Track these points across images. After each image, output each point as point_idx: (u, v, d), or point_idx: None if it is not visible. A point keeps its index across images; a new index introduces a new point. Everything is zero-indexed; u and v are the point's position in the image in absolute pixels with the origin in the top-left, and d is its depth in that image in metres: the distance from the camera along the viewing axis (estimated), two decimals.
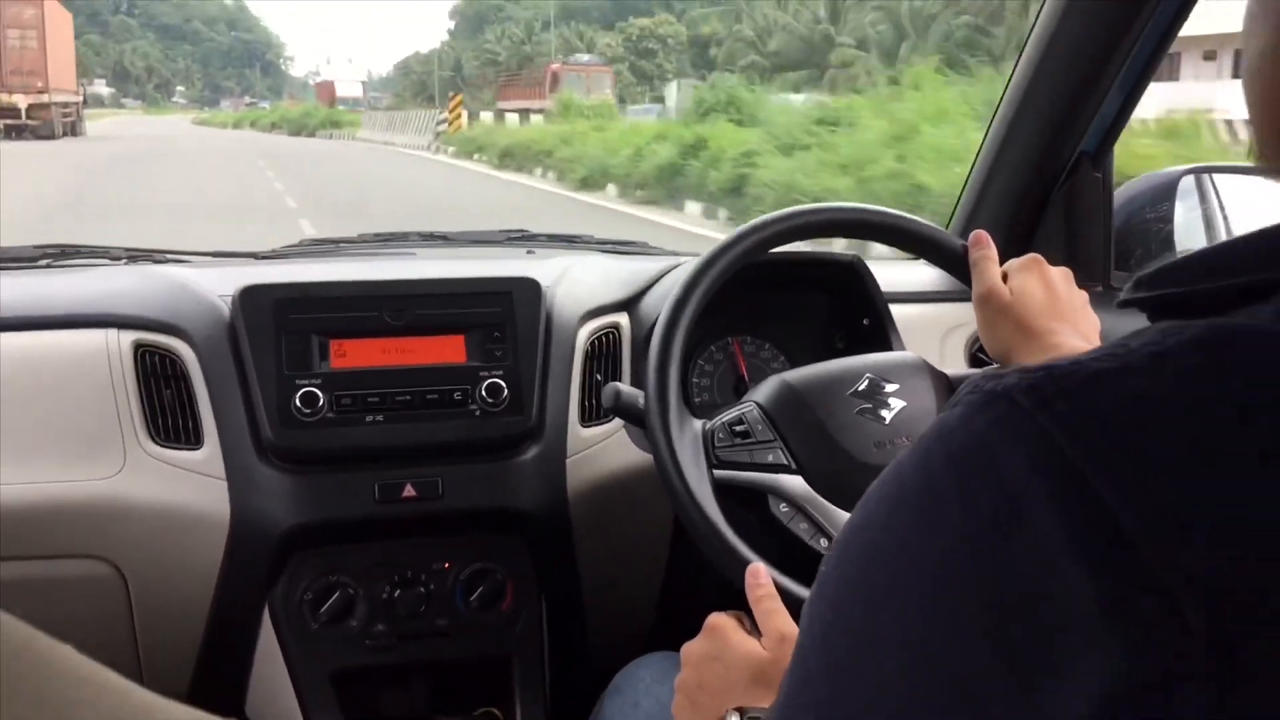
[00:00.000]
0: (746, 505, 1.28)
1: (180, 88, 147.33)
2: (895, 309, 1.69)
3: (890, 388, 1.32)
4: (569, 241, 2.13)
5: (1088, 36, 1.65)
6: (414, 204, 15.12)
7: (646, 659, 1.39)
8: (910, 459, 0.53)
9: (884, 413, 1.29)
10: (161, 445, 1.46)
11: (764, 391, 1.33)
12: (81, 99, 40.56)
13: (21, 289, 1.64)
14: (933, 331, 1.78)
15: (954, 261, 1.36)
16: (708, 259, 1.35)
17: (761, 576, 1.12)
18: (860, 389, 1.31)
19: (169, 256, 1.91)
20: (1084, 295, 1.28)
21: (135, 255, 1.87)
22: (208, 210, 14.02)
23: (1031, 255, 1.30)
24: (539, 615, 1.60)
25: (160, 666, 1.56)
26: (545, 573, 1.60)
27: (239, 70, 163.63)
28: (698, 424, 1.30)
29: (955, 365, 1.77)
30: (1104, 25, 1.62)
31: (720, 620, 1.11)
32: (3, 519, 1.43)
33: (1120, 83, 1.68)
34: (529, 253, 2.06)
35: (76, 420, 1.46)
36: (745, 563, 1.20)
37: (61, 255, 1.84)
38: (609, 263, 1.87)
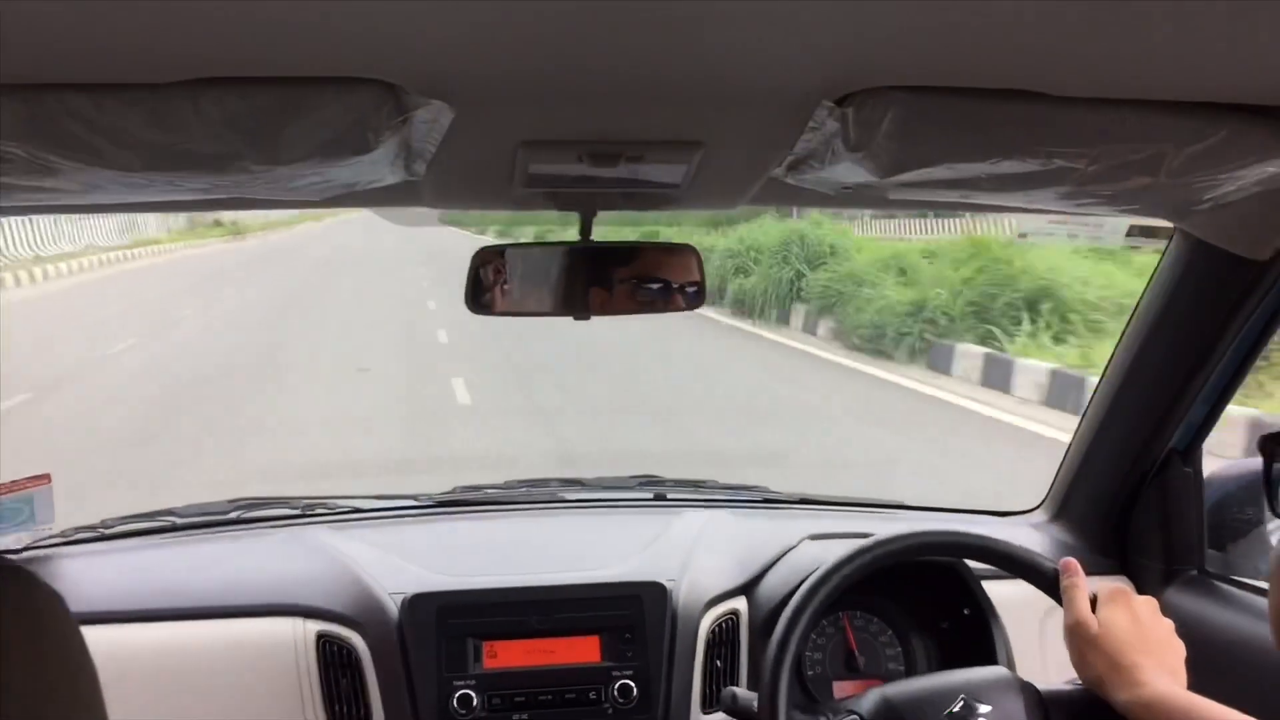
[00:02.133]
0: None
1: None
2: (995, 587, 1.81)
3: (983, 709, 1.43)
4: (694, 486, 2.31)
5: (1179, 345, 1.79)
6: None
7: None
8: None
9: None
10: None
11: (868, 704, 1.46)
12: None
13: (221, 569, 1.88)
14: (1033, 612, 1.89)
15: (1046, 583, 1.49)
16: (813, 585, 1.50)
17: None
18: (955, 710, 1.42)
19: (341, 505, 2.15)
20: (1169, 625, 1.39)
21: (312, 506, 2.12)
22: None
23: (1118, 586, 1.42)
24: None
25: None
26: None
27: None
28: None
29: (1055, 647, 1.88)
30: (1195, 335, 1.76)
31: None
32: None
33: (1210, 388, 1.80)
34: (656, 497, 2.25)
35: (268, 703, 1.68)
36: None
37: (249, 507, 2.09)
38: (732, 531, 2.03)
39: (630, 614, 1.74)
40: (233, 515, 2.11)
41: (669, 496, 2.27)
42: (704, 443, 8.02)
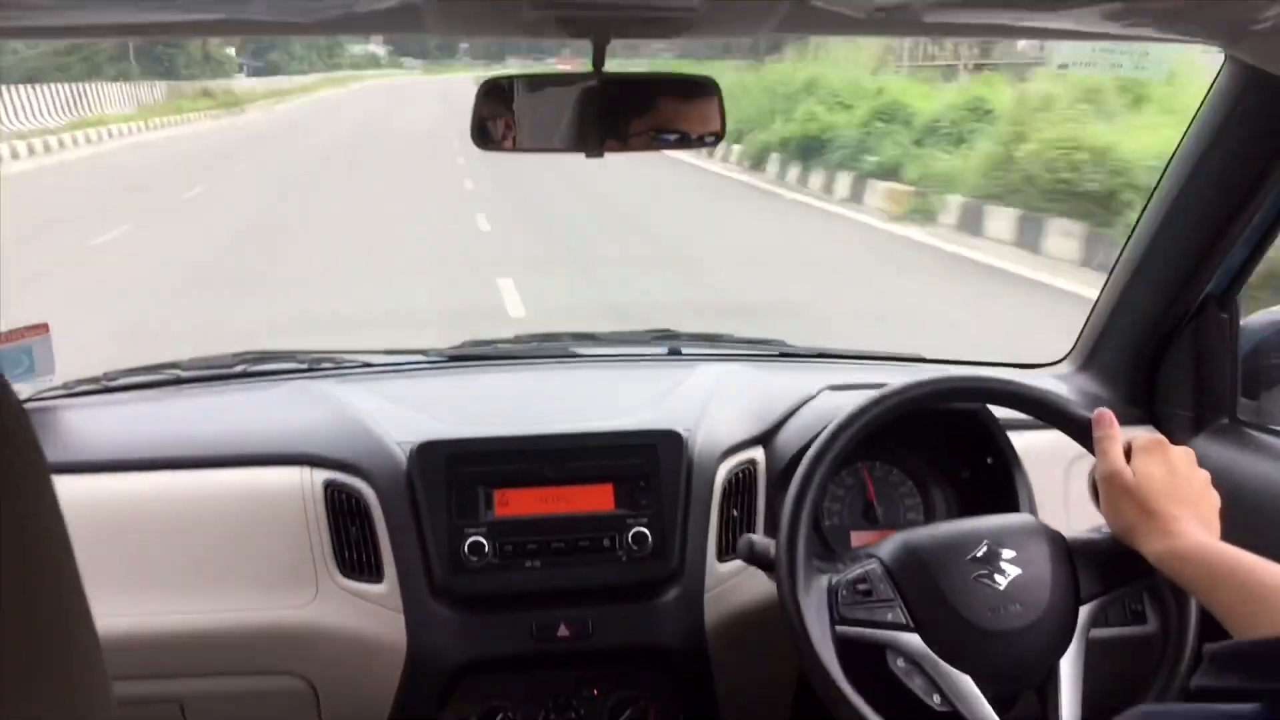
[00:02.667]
0: (866, 658, 1.40)
1: (464, 45, 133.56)
2: (1019, 437, 1.77)
3: (1007, 554, 1.41)
4: (710, 341, 2.25)
5: (1221, 186, 1.70)
6: None
7: None
8: None
9: (999, 579, 1.38)
10: (348, 577, 1.65)
11: (888, 549, 1.44)
12: None
13: (229, 422, 1.85)
14: (1057, 462, 1.85)
15: (1079, 431, 1.45)
16: (834, 431, 1.47)
17: None
18: (978, 555, 1.40)
19: (349, 360, 2.11)
20: (1205, 476, 1.35)
21: (320, 360, 2.08)
22: None
23: (1155, 436, 1.37)
24: None
25: None
26: (685, 700, 1.75)
27: None
28: (824, 580, 1.42)
29: (1079, 493, 1.85)
30: (1239, 174, 1.67)
31: None
32: (215, 642, 1.65)
33: (1251, 231, 1.72)
34: (671, 353, 2.20)
35: (277, 551, 1.66)
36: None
37: (256, 361, 2.05)
38: (748, 381, 1.99)
39: (645, 462, 1.70)
40: (238, 369, 2.07)
41: (684, 351, 2.22)
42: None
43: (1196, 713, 0.63)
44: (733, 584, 1.72)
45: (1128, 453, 1.36)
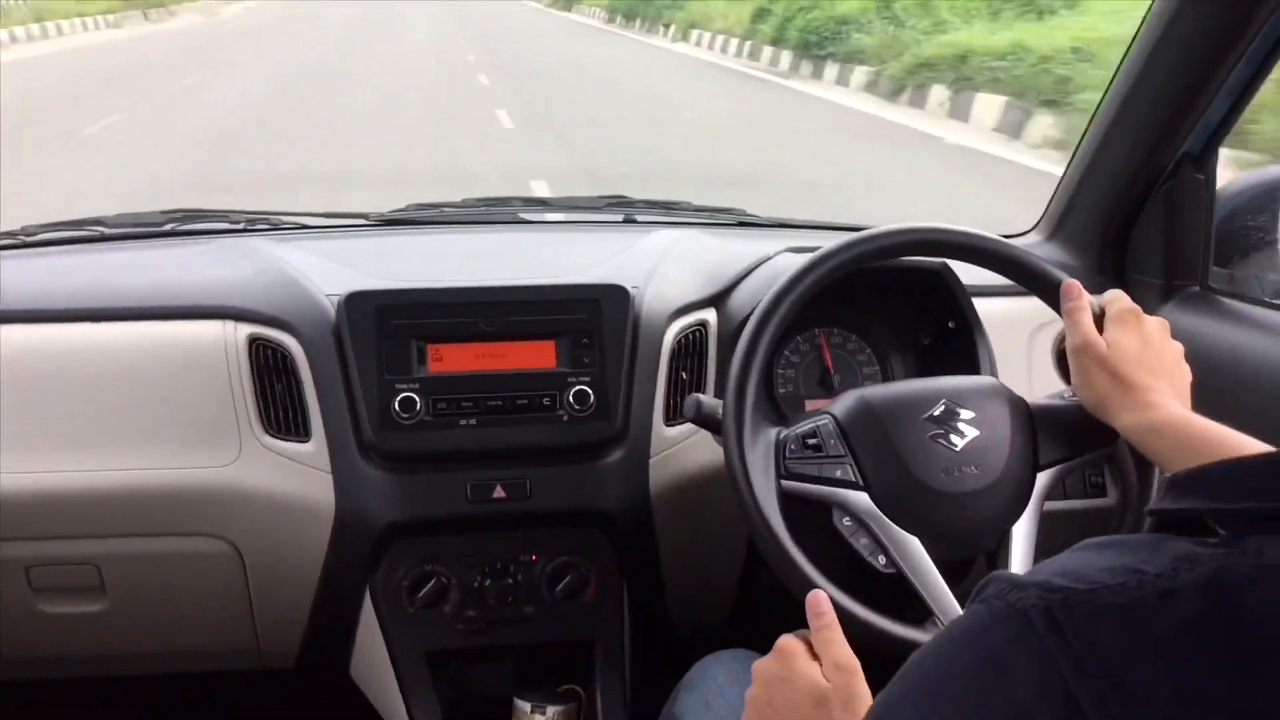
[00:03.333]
0: (812, 517, 1.33)
1: None
2: (982, 304, 1.69)
3: (965, 415, 1.34)
4: (666, 209, 2.16)
5: (1199, 38, 1.60)
6: None
7: (719, 656, 1.47)
8: (936, 654, 0.60)
9: (955, 440, 1.32)
10: (273, 436, 1.57)
11: (841, 406, 1.37)
12: None
13: (152, 275, 1.74)
14: (1020, 329, 1.78)
15: (1049, 293, 1.37)
16: (792, 278, 1.38)
17: (821, 605, 1.17)
18: (935, 414, 1.33)
19: (285, 221, 2.01)
20: (1178, 348, 1.28)
21: (254, 220, 1.98)
22: None
23: (1128, 306, 1.29)
24: (620, 604, 1.69)
25: (273, 630, 1.71)
26: (627, 566, 1.68)
27: None
28: (772, 432, 1.35)
29: (1043, 361, 1.78)
30: (1216, 27, 1.58)
31: (789, 644, 1.17)
32: (131, 501, 1.56)
33: (1229, 86, 1.63)
34: (626, 220, 2.11)
35: (198, 408, 1.57)
36: (806, 580, 1.26)
37: (185, 219, 1.95)
38: (703, 245, 1.90)
39: (588, 318, 1.61)
40: (166, 227, 1.97)
41: (639, 219, 2.13)
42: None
43: (1149, 542, 0.56)
44: (679, 448, 1.65)
45: (1099, 321, 1.28)
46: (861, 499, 1.30)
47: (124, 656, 1.77)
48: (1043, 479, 1.32)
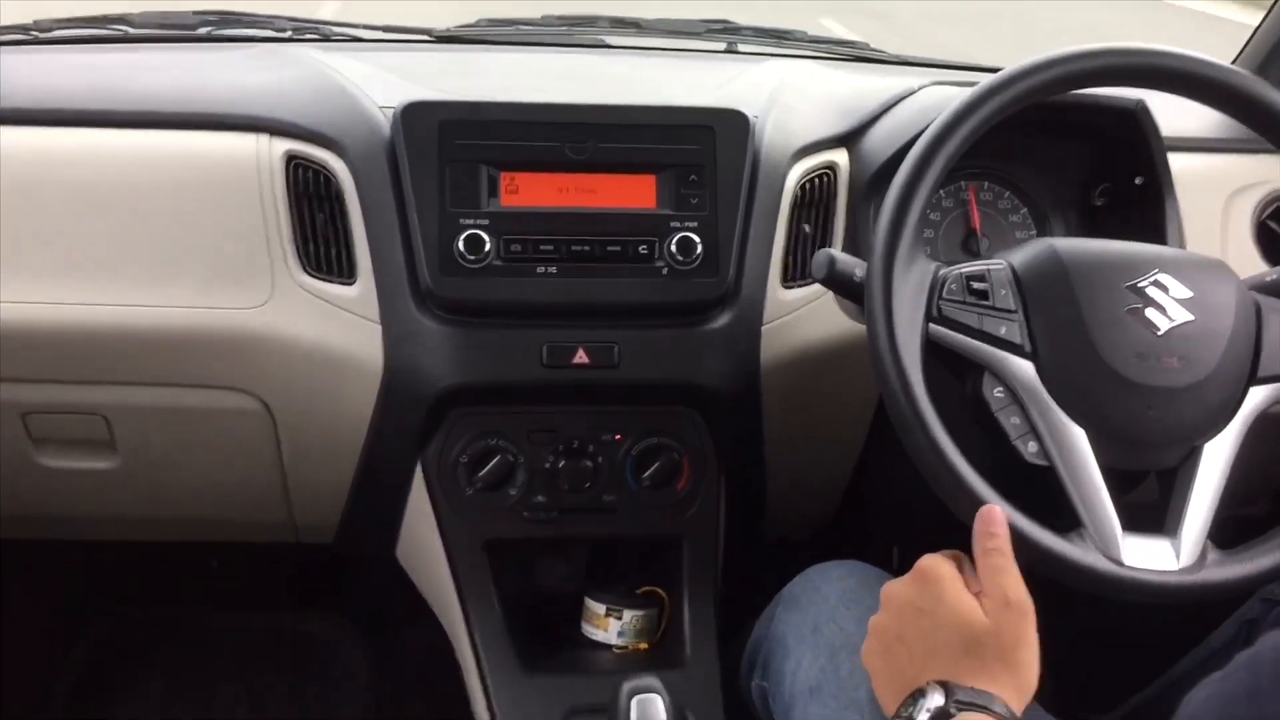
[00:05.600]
0: (958, 375, 1.09)
1: None
2: (1170, 160, 1.39)
3: (1179, 292, 1.06)
4: (778, 39, 1.84)
5: None
6: None
7: (829, 569, 1.22)
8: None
9: (1160, 320, 1.05)
10: (312, 275, 1.30)
11: (1024, 254, 1.11)
12: None
13: (177, 78, 1.47)
14: (1215, 192, 1.48)
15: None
16: (964, 106, 1.09)
17: (996, 524, 0.94)
18: (1141, 284, 1.07)
19: (336, 32, 1.72)
20: None
21: (301, 28, 1.70)
22: None
23: None
24: (716, 497, 1.43)
25: (309, 506, 1.47)
26: (727, 452, 1.41)
27: None
28: (930, 266, 1.09)
29: (1239, 232, 1.47)
30: None
31: (936, 567, 0.94)
32: (143, 343, 1.31)
33: None
34: (729, 49, 1.81)
35: (224, 237, 1.30)
36: (968, 489, 1.01)
37: (222, 23, 1.67)
38: (826, 78, 1.60)
39: (699, 149, 1.31)
40: (201, 31, 1.68)
41: (744, 49, 1.81)
42: None
43: None
44: (797, 316, 1.36)
45: None
46: (1024, 368, 1.05)
47: (137, 521, 1.55)
48: (1256, 395, 1.06)
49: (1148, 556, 1.01)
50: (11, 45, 1.59)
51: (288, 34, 1.70)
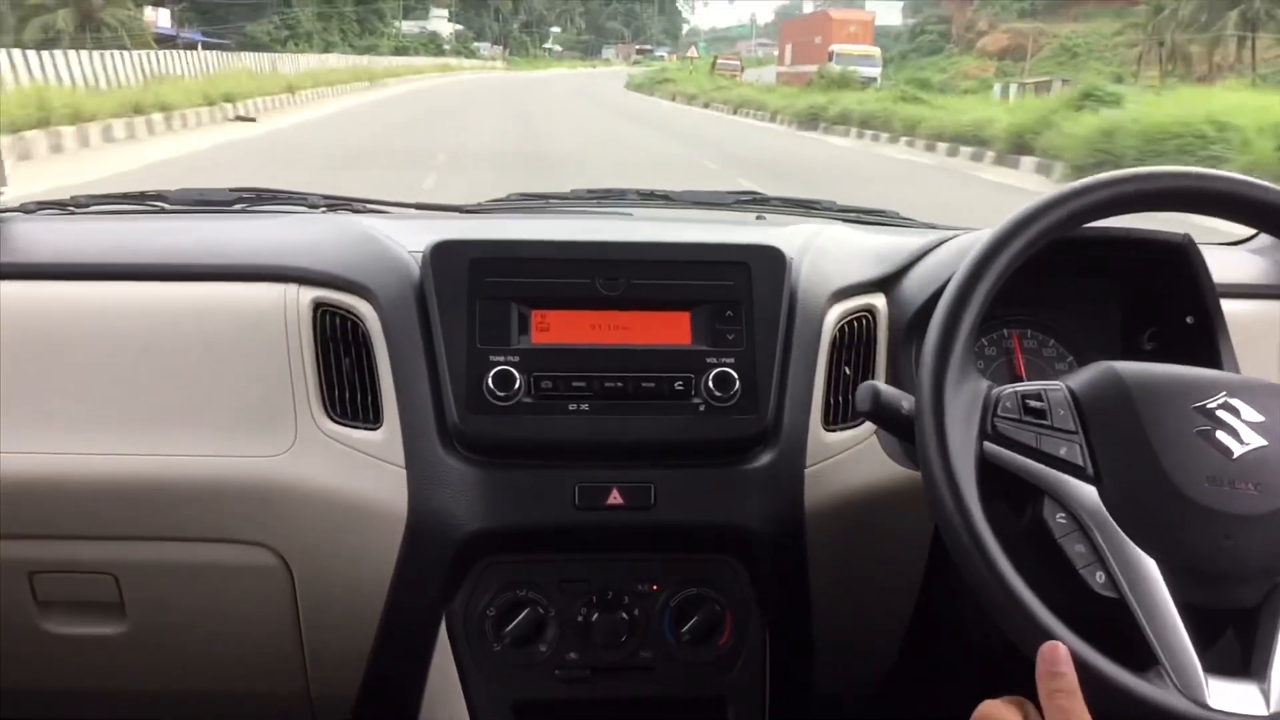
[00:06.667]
0: (1016, 501, 1.02)
1: (555, 29, 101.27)
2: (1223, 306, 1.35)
3: (1251, 416, 1.01)
4: (807, 208, 1.85)
5: None
6: None
7: None
8: None
9: (1232, 444, 0.99)
10: (337, 422, 1.26)
11: (1082, 376, 1.06)
12: None
13: (205, 236, 1.48)
14: (1270, 335, 1.43)
15: None
16: (1014, 224, 1.08)
17: (1061, 662, 0.86)
18: (1209, 405, 1.01)
19: (369, 207, 1.74)
20: None
21: (334, 204, 1.71)
22: None
23: None
24: (762, 654, 1.33)
25: (328, 671, 1.38)
26: (772, 604, 1.32)
27: (627, 6, 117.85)
28: (983, 384, 1.04)
29: None
30: None
31: (996, 715, 0.84)
32: (157, 495, 1.26)
33: None
34: (759, 218, 1.81)
35: (247, 386, 1.27)
36: (1033, 621, 0.92)
37: (257, 200, 1.69)
38: (857, 235, 1.59)
39: (735, 285, 1.29)
40: (237, 206, 1.70)
41: (775, 217, 1.82)
42: None
43: None
44: (842, 459, 1.30)
45: None
46: (1087, 493, 0.98)
47: (144, 698, 1.45)
48: None
49: (1235, 700, 0.91)
50: (48, 216, 1.61)
51: (321, 209, 1.72)
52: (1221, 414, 1.00)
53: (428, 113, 24.91)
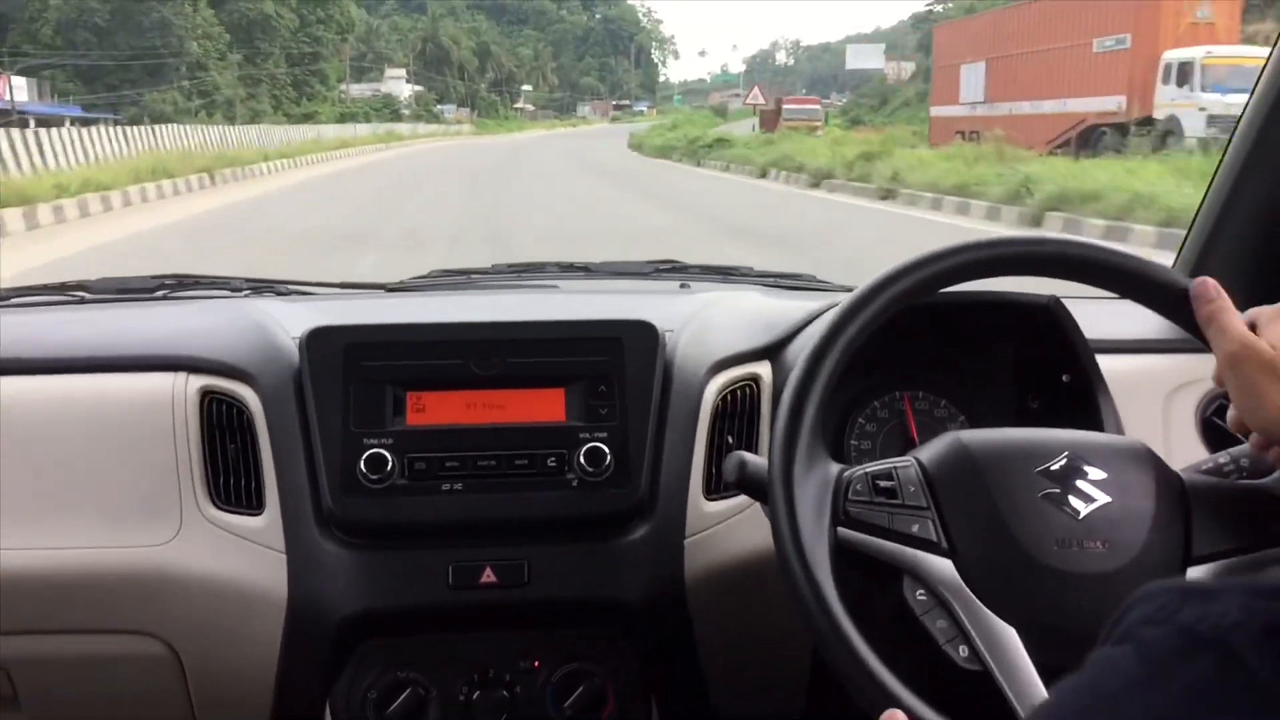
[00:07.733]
0: (875, 583, 1.01)
1: (526, 87, 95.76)
2: (1104, 361, 1.35)
3: (1094, 474, 1.00)
4: (724, 275, 1.87)
5: None
6: None
7: None
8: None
9: (1078, 504, 0.99)
10: (220, 509, 1.28)
11: (931, 450, 1.06)
12: None
13: (110, 326, 1.51)
14: (1153, 391, 1.43)
15: (1177, 307, 1.03)
16: (859, 297, 1.07)
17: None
18: (1053, 468, 1.01)
19: (292, 288, 1.77)
20: None
21: (258, 286, 1.74)
22: None
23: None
24: None
25: None
26: (655, 675, 1.33)
27: (601, 60, 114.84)
28: (833, 468, 1.03)
29: (1182, 430, 1.42)
30: None
31: None
32: (43, 589, 1.28)
33: None
34: (682, 286, 1.83)
35: (136, 474, 1.29)
36: (875, 683, 0.93)
37: (179, 286, 1.72)
38: (761, 301, 1.60)
39: (608, 360, 1.31)
40: (159, 293, 1.73)
41: (694, 286, 1.83)
42: None
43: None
44: (723, 527, 1.31)
45: (1252, 327, 0.96)
46: (943, 567, 0.98)
47: None
48: (1195, 576, 0.97)
49: None
50: None
51: (244, 293, 1.74)
52: (1066, 475, 1.00)
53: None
